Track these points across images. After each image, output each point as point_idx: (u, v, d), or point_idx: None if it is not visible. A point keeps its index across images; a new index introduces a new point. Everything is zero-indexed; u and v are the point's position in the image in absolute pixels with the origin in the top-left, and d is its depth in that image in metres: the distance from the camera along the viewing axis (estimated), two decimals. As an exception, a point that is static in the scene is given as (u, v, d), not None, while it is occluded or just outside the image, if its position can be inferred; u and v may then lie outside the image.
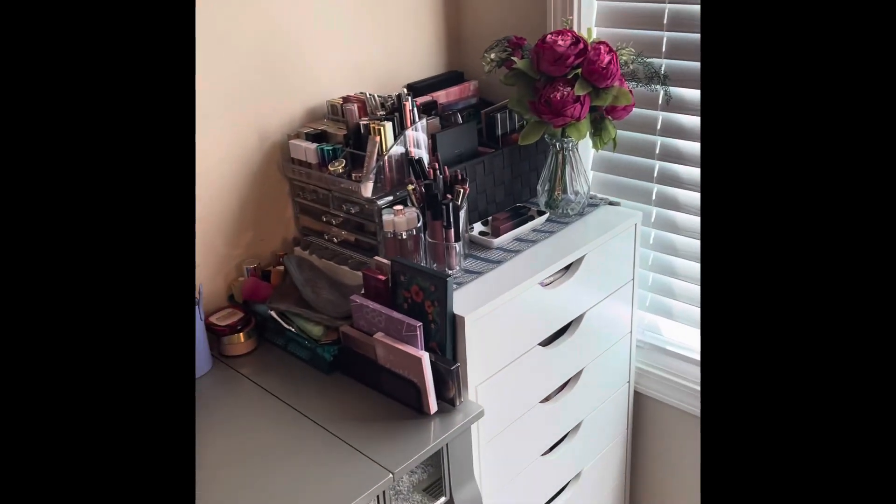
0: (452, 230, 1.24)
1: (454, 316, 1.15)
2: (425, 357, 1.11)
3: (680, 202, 1.48)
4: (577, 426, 1.49)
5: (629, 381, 1.61)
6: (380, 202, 1.26)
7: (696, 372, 1.56)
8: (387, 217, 1.23)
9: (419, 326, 1.12)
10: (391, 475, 1.02)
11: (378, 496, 1.03)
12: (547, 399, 1.40)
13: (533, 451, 1.39)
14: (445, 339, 1.16)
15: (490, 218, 1.41)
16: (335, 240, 1.37)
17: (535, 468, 1.41)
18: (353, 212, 1.31)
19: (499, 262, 1.30)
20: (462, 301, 1.18)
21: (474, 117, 1.48)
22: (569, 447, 1.48)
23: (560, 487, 1.51)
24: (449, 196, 1.23)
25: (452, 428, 1.11)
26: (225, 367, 1.27)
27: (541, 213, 1.43)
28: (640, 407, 1.67)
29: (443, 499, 1.16)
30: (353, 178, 1.28)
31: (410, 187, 1.24)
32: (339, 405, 1.16)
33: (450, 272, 1.25)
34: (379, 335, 1.16)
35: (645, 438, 1.70)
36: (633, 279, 1.51)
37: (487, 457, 1.27)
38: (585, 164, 1.54)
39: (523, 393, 1.32)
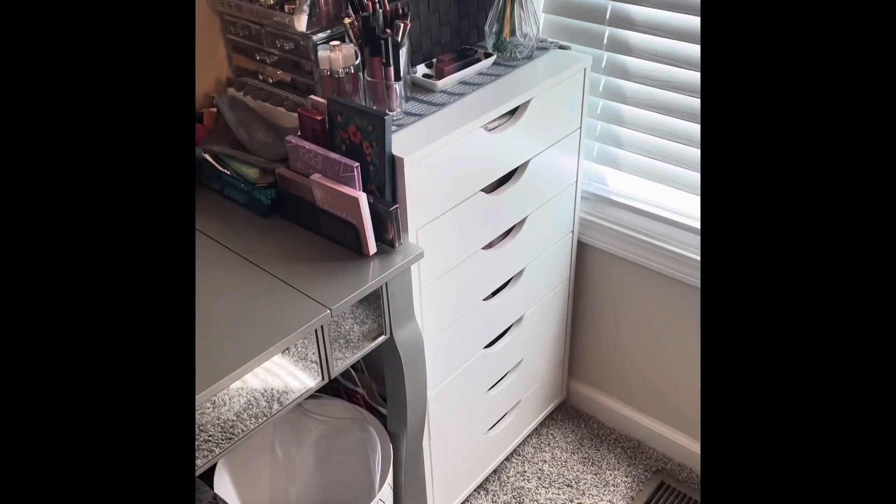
0: (392, 68, 1.19)
1: (393, 157, 1.12)
2: (363, 197, 1.09)
3: (632, 46, 1.43)
4: (520, 273, 1.52)
5: (573, 231, 1.64)
6: (315, 37, 1.18)
7: (640, 221, 1.59)
8: (323, 53, 1.16)
9: (356, 167, 1.10)
10: (329, 311, 1.03)
11: (316, 331, 1.05)
12: (490, 245, 1.41)
13: (475, 295, 1.42)
14: (385, 182, 1.14)
15: (434, 60, 1.35)
16: (270, 80, 1.30)
17: (477, 311, 1.44)
18: (287, 48, 1.23)
19: (442, 105, 1.26)
20: (402, 143, 1.15)
21: (419, -51, 1.37)
22: (511, 292, 1.52)
23: (502, 330, 1.56)
24: (389, 31, 1.17)
25: (392, 268, 1.12)
26: (160, 212, 1.24)
27: (488, 56, 1.37)
28: (584, 255, 1.71)
29: (383, 337, 1.19)
30: (286, 11, 1.19)
31: (347, 21, 1.16)
32: (278, 248, 1.16)
33: (389, 113, 1.20)
34: (316, 176, 1.14)
35: (587, 286, 1.75)
36: (580, 127, 1.49)
37: (429, 299, 1.29)
38: (536, 5, 1.47)
39: (465, 238, 1.33)
